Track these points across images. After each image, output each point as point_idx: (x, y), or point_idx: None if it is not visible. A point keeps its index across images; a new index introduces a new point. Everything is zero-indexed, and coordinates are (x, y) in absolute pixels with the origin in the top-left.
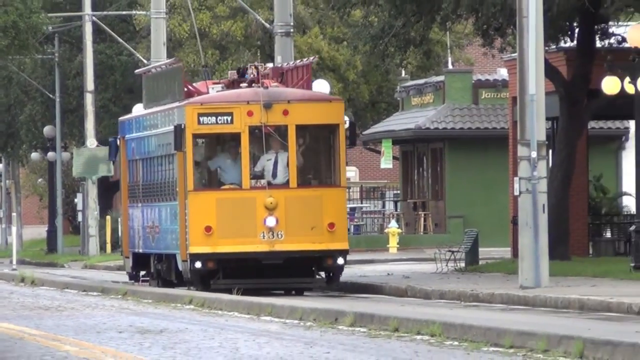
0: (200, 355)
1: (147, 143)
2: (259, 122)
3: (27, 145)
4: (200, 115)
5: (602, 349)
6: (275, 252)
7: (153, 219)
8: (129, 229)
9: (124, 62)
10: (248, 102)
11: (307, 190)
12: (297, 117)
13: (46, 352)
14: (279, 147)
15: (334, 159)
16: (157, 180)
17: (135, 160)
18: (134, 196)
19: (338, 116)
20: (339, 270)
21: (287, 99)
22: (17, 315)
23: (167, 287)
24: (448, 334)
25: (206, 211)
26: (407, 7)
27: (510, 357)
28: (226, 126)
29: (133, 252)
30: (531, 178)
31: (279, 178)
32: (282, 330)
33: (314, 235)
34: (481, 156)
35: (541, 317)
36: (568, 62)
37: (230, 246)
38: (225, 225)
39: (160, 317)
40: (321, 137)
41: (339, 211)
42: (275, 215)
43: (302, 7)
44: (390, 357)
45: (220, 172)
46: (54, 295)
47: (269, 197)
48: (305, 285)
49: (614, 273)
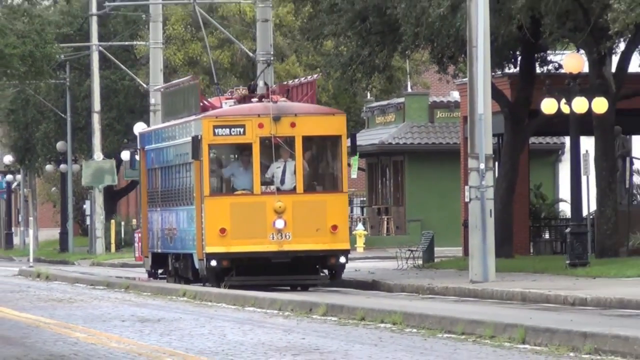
0: (192, 341)
1: (166, 153)
2: (269, 134)
3: (43, 158)
4: (216, 127)
5: (542, 335)
6: (283, 252)
7: (171, 222)
8: (148, 231)
9: (127, 86)
10: (259, 115)
11: (312, 196)
12: (304, 129)
13: (59, 338)
14: (287, 156)
15: (336, 167)
16: (175, 186)
17: (155, 168)
18: (153, 201)
19: (340, 128)
20: (341, 268)
21: (294, 113)
22: (33, 306)
23: (183, 283)
24: (408, 322)
25: (221, 214)
26: (372, 39)
27: (462, 343)
28: (239, 137)
29: (152, 252)
30: (480, 187)
31: (287, 184)
32: (264, 319)
33: (319, 237)
34: (436, 168)
35: (489, 308)
36: (512, 85)
37: (242, 246)
38: (238, 227)
39: (157, 307)
40: (325, 147)
41: (341, 214)
42: (284, 218)
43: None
44: (357, 343)
45: (233, 179)
46: (66, 289)
47: (277, 202)
48: (311, 282)
49: (551, 269)
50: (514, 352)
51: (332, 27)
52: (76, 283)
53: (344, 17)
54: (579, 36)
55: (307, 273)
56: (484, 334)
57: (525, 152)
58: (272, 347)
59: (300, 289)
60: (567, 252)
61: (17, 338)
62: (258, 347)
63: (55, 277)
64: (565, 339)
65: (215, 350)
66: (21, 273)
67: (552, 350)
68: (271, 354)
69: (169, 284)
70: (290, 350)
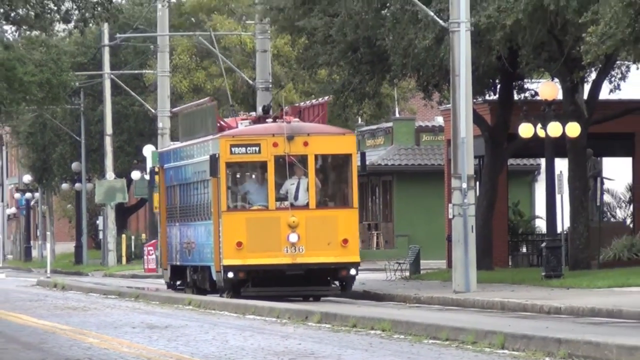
0: (197, 346)
1: (184, 171)
2: (283, 152)
3: (59, 177)
4: (232, 146)
5: (520, 341)
6: (296, 264)
7: (189, 236)
8: (167, 245)
9: (136, 111)
10: (273, 135)
11: (324, 211)
12: (316, 148)
13: (74, 343)
14: (300, 173)
15: (347, 184)
16: (193, 202)
17: (173, 185)
18: (171, 217)
19: (351, 147)
20: (351, 280)
21: (307, 132)
22: (50, 314)
23: (201, 294)
24: (396, 329)
25: (237, 229)
26: (363, 68)
27: (445, 348)
28: (254, 155)
29: (171, 264)
30: (462, 204)
31: (300, 200)
32: (263, 326)
33: (330, 250)
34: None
35: (470, 316)
36: (491, 111)
37: (258, 259)
38: (254, 241)
39: (165, 315)
40: (336, 165)
41: (352, 229)
42: (297, 232)
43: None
44: (349, 348)
45: (249, 195)
46: (80, 298)
47: (291, 217)
48: (323, 293)
49: (528, 280)
50: (494, 357)
51: (325, 57)
52: (90, 293)
53: (336, 48)
54: (554, 66)
55: (320, 284)
56: (466, 340)
57: (504, 173)
58: (270, 351)
59: (313, 299)
60: (542, 265)
61: (36, 343)
62: (258, 351)
63: (70, 287)
64: (541, 344)
65: (219, 355)
66: (39, 283)
67: (529, 355)
68: (270, 358)
69: (175, 294)
70: (287, 354)
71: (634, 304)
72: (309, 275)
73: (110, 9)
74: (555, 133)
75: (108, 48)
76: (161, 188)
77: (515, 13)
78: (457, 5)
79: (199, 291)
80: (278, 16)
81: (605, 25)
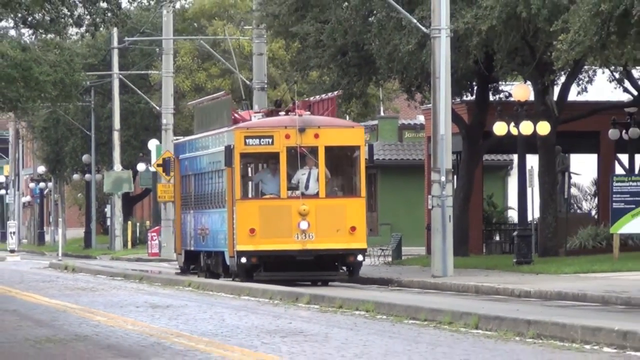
0: (196, 325)
1: (199, 161)
2: (295, 144)
3: (70, 169)
4: (247, 137)
5: (492, 322)
6: (307, 250)
7: (203, 223)
8: (182, 231)
9: (142, 108)
10: (286, 127)
11: (333, 200)
12: (326, 140)
13: (83, 321)
14: (311, 164)
15: (355, 174)
16: (208, 191)
17: (188, 175)
18: (186, 205)
19: (359, 139)
20: (358, 266)
21: (317, 125)
22: (61, 294)
23: (213, 278)
24: (379, 310)
25: (250, 216)
26: (351, 70)
27: (424, 328)
28: (268, 147)
29: (185, 249)
30: (441, 196)
31: (310, 189)
32: (257, 307)
33: (339, 237)
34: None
35: (447, 299)
36: (469, 111)
37: (270, 245)
38: (266, 228)
39: (167, 296)
40: (345, 156)
41: (359, 217)
42: (307, 220)
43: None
44: (336, 327)
45: (262, 184)
46: (89, 279)
47: (302, 205)
48: (331, 277)
49: (501, 266)
50: (469, 336)
51: (317, 60)
52: (98, 275)
53: (327, 51)
54: (526, 70)
55: (328, 270)
56: (443, 320)
57: (480, 167)
58: (263, 330)
59: (321, 283)
60: (514, 252)
61: (48, 321)
62: (251, 330)
63: (80, 270)
64: (512, 325)
65: (215, 332)
66: (51, 266)
67: (501, 334)
68: (262, 336)
69: (176, 276)
70: (278, 333)
71: (598, 288)
72: (318, 261)
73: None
74: (527, 131)
75: (117, 50)
76: (176, 177)
77: (490, 20)
78: (438, 13)
79: (212, 275)
80: (273, 22)
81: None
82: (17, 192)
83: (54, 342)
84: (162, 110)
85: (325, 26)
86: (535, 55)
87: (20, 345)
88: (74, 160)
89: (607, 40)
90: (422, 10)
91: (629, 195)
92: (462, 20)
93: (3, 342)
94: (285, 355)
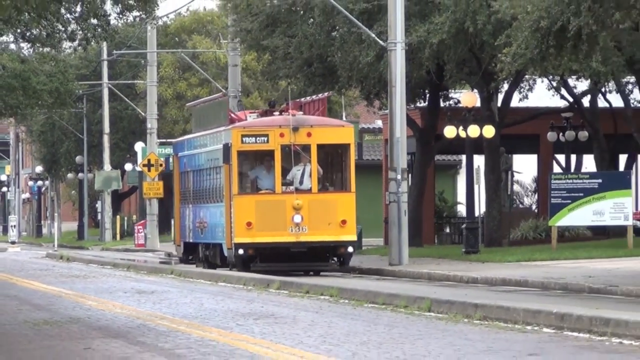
0: (178, 308)
1: (198, 158)
2: (289, 142)
3: (65, 168)
4: (243, 136)
5: (443, 305)
6: (300, 242)
7: (202, 217)
8: (181, 224)
9: (129, 114)
10: (280, 126)
11: (325, 195)
12: (318, 138)
13: (76, 305)
14: (304, 161)
15: (345, 171)
16: (206, 187)
17: (187, 171)
18: (185, 199)
19: (349, 137)
20: (348, 257)
21: (310, 124)
22: (57, 281)
23: (212, 268)
24: (342, 295)
25: (247, 210)
26: (316, 80)
27: (382, 311)
28: (263, 145)
29: (184, 241)
30: (397, 192)
31: (304, 185)
32: (232, 292)
33: (330, 229)
34: (365, 178)
35: (403, 285)
36: (422, 116)
37: (265, 237)
38: (262, 221)
39: (151, 283)
40: (336, 154)
41: (349, 211)
42: (301, 214)
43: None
44: (303, 310)
45: (258, 180)
46: (82, 268)
47: (296, 200)
48: (323, 268)
49: (451, 256)
50: (422, 318)
51: (285, 71)
52: (90, 263)
53: (294, 63)
54: (473, 79)
55: (320, 261)
56: (399, 304)
57: (432, 167)
58: (238, 313)
59: (313, 273)
60: (463, 243)
61: (45, 305)
62: (227, 313)
63: (74, 259)
64: (461, 308)
65: (195, 315)
66: (48, 256)
67: (451, 317)
68: (237, 318)
69: (160, 265)
70: (252, 315)
71: (538, 275)
72: (311, 252)
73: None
74: (474, 134)
75: (106, 62)
76: (175, 174)
77: (441, 34)
78: (394, 28)
79: (209, 265)
80: (246, 37)
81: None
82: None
83: (51, 324)
84: (147, 116)
85: (293, 40)
86: (481, 66)
87: (21, 327)
88: (68, 161)
89: (546, 53)
90: (380, 26)
91: (566, 191)
92: (415, 35)
93: (5, 324)
94: (258, 335)
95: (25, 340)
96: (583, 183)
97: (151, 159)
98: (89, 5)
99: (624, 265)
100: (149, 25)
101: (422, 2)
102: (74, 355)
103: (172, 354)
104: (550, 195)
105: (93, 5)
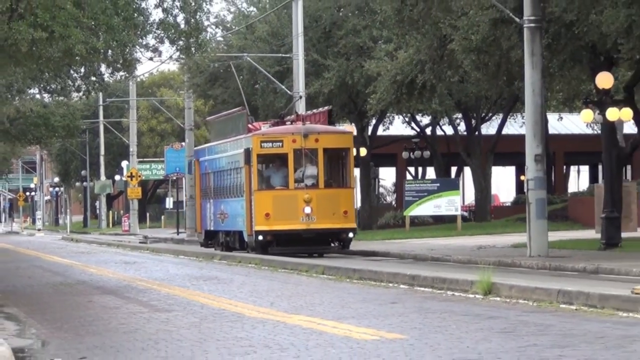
0: (152, 274)
1: (219, 161)
2: (300, 146)
3: (74, 179)
4: (262, 142)
5: (332, 270)
6: (310, 230)
7: (222, 209)
8: (202, 215)
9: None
10: (292, 134)
11: (330, 190)
12: (324, 143)
13: (82, 272)
14: (313, 162)
15: (346, 170)
16: (227, 184)
17: (208, 173)
18: (205, 195)
19: (349, 143)
20: (349, 241)
21: (318, 132)
22: (69, 255)
23: (229, 252)
24: (263, 264)
25: (266, 203)
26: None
27: (291, 274)
28: (278, 149)
29: (205, 229)
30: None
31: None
32: (188, 262)
33: (335, 219)
34: None
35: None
36: None
37: (281, 226)
38: (278, 212)
39: (133, 256)
40: (339, 156)
41: (350, 203)
42: (310, 206)
43: (197, 117)
44: (237, 274)
45: (274, 178)
46: (86, 246)
47: (306, 194)
48: (327, 250)
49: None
50: (318, 279)
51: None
52: (91, 243)
53: (229, 107)
54: (352, 116)
55: (326, 244)
56: (303, 270)
57: None
58: (193, 276)
59: (318, 255)
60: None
61: (61, 271)
62: (185, 277)
63: (80, 240)
64: (344, 272)
65: (163, 278)
66: (63, 238)
67: (338, 278)
68: (192, 280)
69: (140, 244)
70: (202, 278)
71: (397, 248)
72: (318, 238)
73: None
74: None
75: (102, 106)
76: (196, 175)
77: (329, 86)
78: (297, 82)
79: (228, 249)
80: (197, 88)
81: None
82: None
83: (65, 285)
84: (129, 143)
85: (228, 90)
86: (357, 107)
87: (45, 287)
88: (76, 174)
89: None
90: (289, 81)
91: (415, 192)
92: (312, 87)
93: (34, 285)
94: (206, 291)
95: (46, 295)
96: (427, 186)
97: (133, 172)
98: (89, 68)
99: (455, 242)
100: (130, 81)
101: (317, 65)
102: (81, 306)
103: (148, 304)
104: (404, 194)
105: (92, 68)
